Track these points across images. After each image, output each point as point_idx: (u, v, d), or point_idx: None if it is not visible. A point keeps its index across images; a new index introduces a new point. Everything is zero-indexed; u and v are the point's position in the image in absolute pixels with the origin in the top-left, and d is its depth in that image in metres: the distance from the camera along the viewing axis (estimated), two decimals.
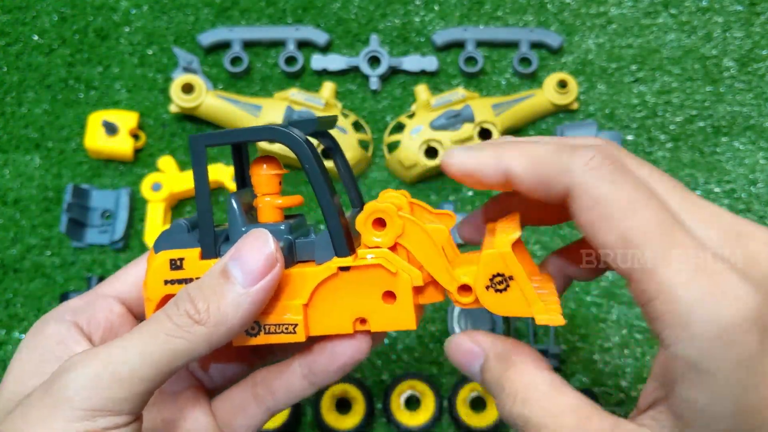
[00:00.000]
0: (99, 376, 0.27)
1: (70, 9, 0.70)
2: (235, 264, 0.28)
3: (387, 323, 0.30)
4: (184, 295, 0.29)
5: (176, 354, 0.27)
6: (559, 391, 0.27)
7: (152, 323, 0.28)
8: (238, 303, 0.28)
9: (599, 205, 0.25)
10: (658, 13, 0.71)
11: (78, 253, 0.64)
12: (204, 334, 0.28)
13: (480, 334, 0.30)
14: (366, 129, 0.66)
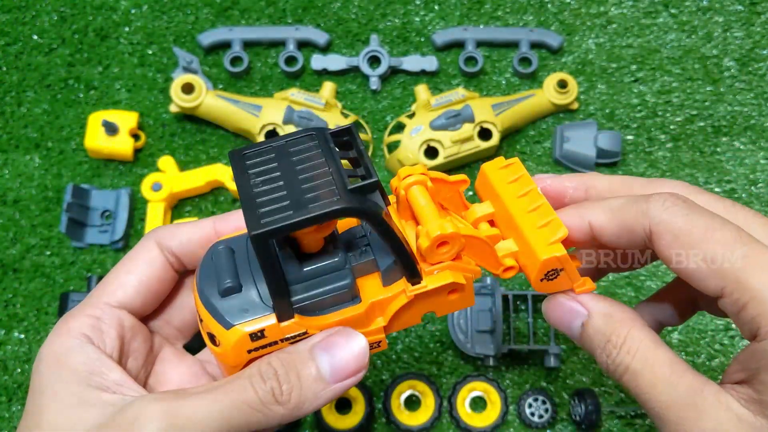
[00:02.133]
0: (169, 428, 0.27)
1: (69, 9, 0.70)
2: (324, 356, 0.30)
3: (451, 308, 0.33)
4: (271, 373, 0.29)
5: (250, 424, 0.29)
6: (659, 345, 0.29)
7: (235, 389, 0.29)
8: (318, 395, 0.30)
9: (680, 236, 0.28)
10: (658, 13, 0.71)
11: (78, 253, 0.64)
12: (280, 415, 0.29)
13: (582, 296, 0.32)
14: (366, 129, 0.66)
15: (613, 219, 0.30)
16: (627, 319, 0.31)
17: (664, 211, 0.29)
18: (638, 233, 0.30)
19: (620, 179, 0.33)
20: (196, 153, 0.66)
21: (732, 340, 0.62)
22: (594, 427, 0.58)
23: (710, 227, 0.28)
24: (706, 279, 0.28)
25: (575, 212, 0.31)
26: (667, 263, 0.29)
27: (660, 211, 0.29)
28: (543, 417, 0.59)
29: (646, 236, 0.29)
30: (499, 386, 0.59)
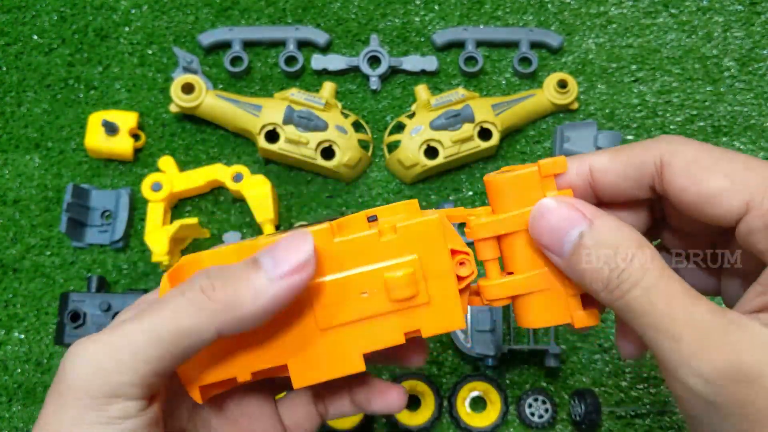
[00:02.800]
0: (101, 362, 0.25)
1: (69, 9, 0.70)
2: (268, 255, 0.27)
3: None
4: (203, 273, 0.27)
5: (180, 332, 0.26)
6: (670, 276, 0.26)
7: (161, 300, 0.27)
8: (259, 292, 0.26)
9: (696, 161, 0.27)
10: (658, 12, 0.71)
11: (78, 253, 0.64)
12: (213, 312, 0.26)
13: (580, 202, 0.28)
14: (366, 129, 0.66)
15: (616, 157, 0.28)
16: (637, 237, 0.27)
17: (676, 142, 0.28)
18: (647, 169, 0.28)
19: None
20: (196, 153, 0.66)
21: None
22: (594, 427, 0.58)
23: (725, 153, 0.27)
24: (730, 196, 0.26)
25: (576, 158, 0.30)
26: (681, 193, 0.27)
27: (671, 142, 0.28)
28: (543, 417, 0.59)
29: (656, 171, 0.27)
30: (499, 386, 0.59)
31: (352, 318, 0.29)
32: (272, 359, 0.29)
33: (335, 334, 0.30)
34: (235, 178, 0.63)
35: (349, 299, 0.29)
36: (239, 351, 0.29)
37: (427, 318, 0.30)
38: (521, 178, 0.30)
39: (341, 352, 0.30)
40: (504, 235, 0.30)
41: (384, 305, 0.29)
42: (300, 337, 0.29)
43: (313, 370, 0.30)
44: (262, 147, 0.63)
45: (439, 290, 0.30)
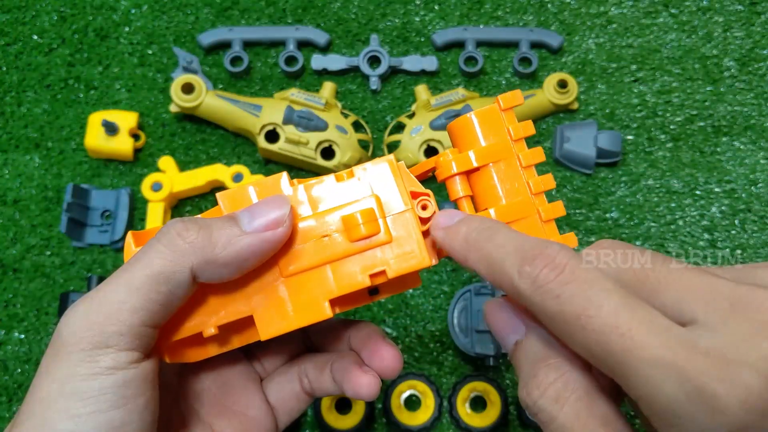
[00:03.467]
0: (89, 314, 0.26)
1: (69, 9, 0.70)
2: (245, 212, 0.28)
3: None
4: (177, 220, 0.28)
5: (157, 276, 0.26)
6: (594, 399, 0.24)
7: (140, 250, 0.28)
8: (232, 240, 0.27)
9: (553, 324, 0.24)
10: (659, 12, 0.71)
11: (78, 253, 0.64)
12: (185, 252, 0.27)
13: (524, 312, 0.27)
14: (366, 129, 0.66)
15: (490, 277, 0.26)
16: (562, 355, 0.25)
17: (535, 291, 0.24)
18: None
19: None
20: (196, 153, 0.66)
21: None
22: None
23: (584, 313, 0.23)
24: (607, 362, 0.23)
25: (461, 247, 0.27)
26: None
27: (531, 292, 0.24)
28: None
29: None
30: (499, 386, 0.59)
31: (314, 263, 0.29)
32: (237, 311, 0.30)
33: (299, 281, 0.29)
34: (235, 178, 0.63)
35: (310, 245, 0.29)
36: (207, 306, 0.30)
37: (392, 257, 0.29)
38: (484, 114, 0.31)
39: (306, 299, 0.29)
40: (474, 170, 0.31)
41: (345, 247, 0.29)
42: (264, 287, 0.29)
43: (279, 321, 0.29)
44: (262, 147, 0.63)
45: (400, 229, 0.30)
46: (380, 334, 0.34)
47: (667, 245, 0.64)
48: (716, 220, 0.65)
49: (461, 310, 0.60)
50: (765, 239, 0.64)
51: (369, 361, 0.34)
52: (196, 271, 0.27)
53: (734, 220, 0.65)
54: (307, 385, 0.35)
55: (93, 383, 0.26)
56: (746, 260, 0.64)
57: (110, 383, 0.26)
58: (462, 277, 0.63)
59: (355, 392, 0.33)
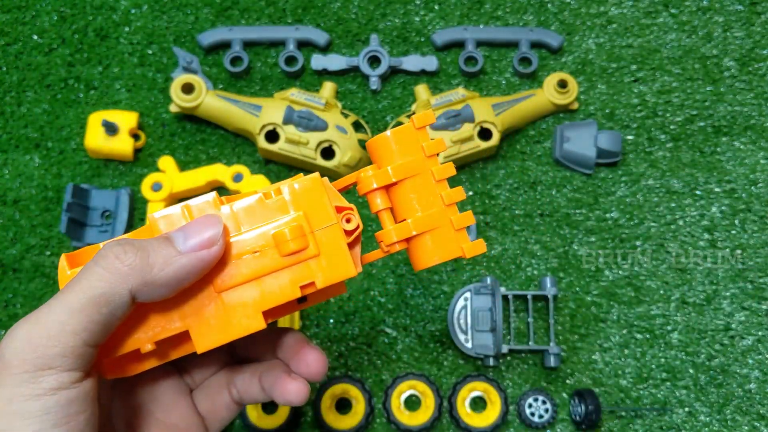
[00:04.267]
0: (31, 336, 0.27)
1: (69, 9, 0.70)
2: (179, 232, 0.30)
3: None
4: (114, 242, 0.29)
5: (97, 298, 0.27)
6: None
7: (79, 273, 0.29)
8: (169, 261, 0.29)
9: None
10: (659, 12, 0.71)
11: None
12: (125, 275, 0.28)
13: None
14: (366, 129, 0.66)
15: None
16: None
17: None
18: None
19: None
20: (196, 153, 0.66)
21: (732, 340, 0.62)
22: (594, 427, 0.58)
23: None
24: None
25: None
26: None
27: None
28: (543, 417, 0.59)
29: None
30: (499, 386, 0.59)
31: (247, 277, 0.31)
32: (173, 327, 0.31)
33: (233, 294, 0.31)
34: (235, 178, 0.63)
35: (242, 260, 0.31)
36: (143, 324, 0.31)
37: (320, 269, 0.31)
38: (400, 132, 0.33)
39: (240, 312, 0.31)
40: (392, 185, 0.33)
41: (276, 261, 0.31)
42: (199, 302, 0.31)
43: (214, 333, 0.31)
44: (262, 147, 0.63)
45: (327, 242, 0.31)
46: (304, 341, 0.36)
47: (667, 245, 0.64)
48: (716, 220, 0.65)
49: (461, 310, 0.60)
50: (765, 239, 0.64)
51: (296, 368, 0.35)
52: (135, 292, 0.28)
53: (734, 220, 0.65)
54: (236, 394, 0.37)
55: (36, 403, 0.26)
56: (746, 260, 0.64)
57: (53, 403, 0.27)
58: (462, 278, 0.63)
59: (285, 399, 0.34)
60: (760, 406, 0.60)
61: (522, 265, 0.63)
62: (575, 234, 0.64)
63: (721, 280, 0.63)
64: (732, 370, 0.61)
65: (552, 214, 0.65)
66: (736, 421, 0.60)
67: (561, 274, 0.63)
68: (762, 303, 0.63)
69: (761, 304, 0.63)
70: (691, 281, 0.63)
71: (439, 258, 0.33)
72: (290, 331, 0.36)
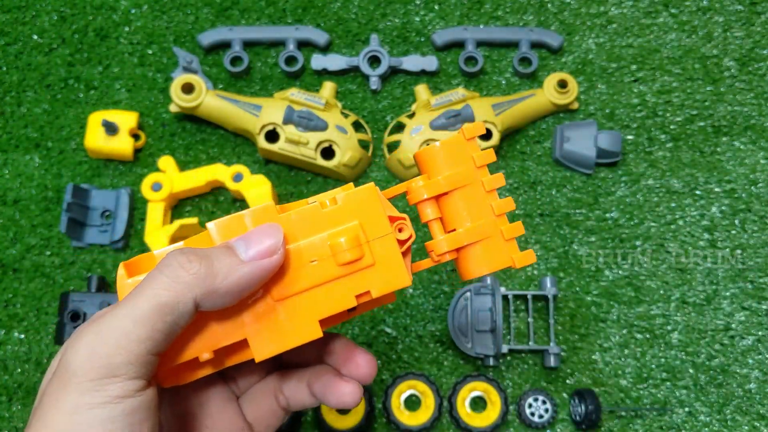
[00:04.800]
0: (95, 345, 0.27)
1: (69, 9, 0.70)
2: (241, 241, 0.30)
3: None
4: (177, 251, 0.29)
5: (162, 307, 0.27)
6: None
7: (143, 281, 0.29)
8: (233, 268, 0.29)
9: None
10: (659, 12, 0.71)
11: (78, 252, 0.64)
12: (189, 284, 0.28)
13: None
14: (366, 129, 0.66)
15: None
16: None
17: None
18: None
19: None
20: (196, 153, 0.66)
21: (732, 340, 0.62)
22: (594, 427, 0.58)
23: None
24: None
25: None
26: None
27: None
28: (543, 417, 0.59)
29: None
30: (499, 386, 0.59)
31: (304, 286, 0.31)
32: (232, 335, 0.31)
33: (290, 303, 0.31)
34: (235, 178, 0.63)
35: (300, 269, 0.31)
36: (202, 332, 0.31)
37: (375, 279, 0.32)
38: (450, 143, 0.34)
39: (298, 320, 0.31)
40: (442, 195, 0.34)
41: (333, 270, 0.31)
42: (257, 311, 0.31)
43: (272, 342, 0.31)
44: (262, 147, 0.63)
45: (382, 252, 0.32)
46: (354, 344, 0.36)
47: (667, 245, 0.64)
48: (716, 220, 0.65)
49: (461, 310, 0.60)
50: (765, 239, 0.64)
51: (347, 371, 0.35)
52: (199, 301, 0.28)
53: (734, 220, 0.65)
54: (283, 400, 0.37)
55: (102, 411, 0.26)
56: (746, 260, 0.64)
57: (118, 411, 0.27)
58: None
59: (341, 401, 0.34)
60: (760, 406, 0.60)
61: None
62: (575, 234, 0.64)
63: (721, 280, 0.63)
64: (732, 370, 0.61)
65: (552, 214, 0.65)
66: (736, 421, 0.60)
67: (561, 274, 0.63)
68: (762, 303, 0.63)
69: (761, 304, 0.63)
70: (691, 281, 0.63)
71: (489, 268, 0.33)
72: (338, 337, 0.36)
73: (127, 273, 0.32)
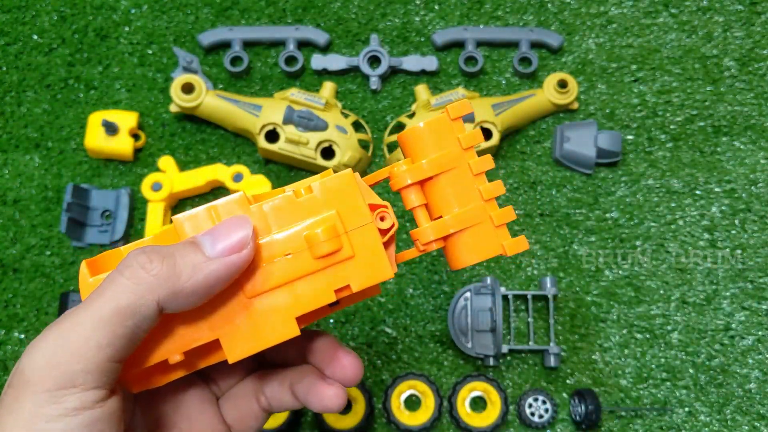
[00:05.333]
0: (53, 352, 0.25)
1: (69, 8, 0.70)
2: (207, 236, 0.28)
3: None
4: (138, 250, 0.27)
5: (122, 310, 0.26)
6: None
7: (102, 283, 0.27)
8: (197, 267, 0.27)
9: None
10: (659, 12, 0.71)
11: (78, 253, 0.64)
12: (151, 285, 0.26)
13: None
14: (366, 129, 0.66)
15: None
16: None
17: None
18: None
19: None
20: (196, 153, 0.66)
21: (732, 340, 0.62)
22: (594, 427, 0.58)
23: None
24: None
25: None
26: None
27: None
28: (543, 417, 0.59)
29: None
30: (499, 386, 0.59)
31: (279, 282, 0.29)
32: (202, 336, 0.29)
33: (265, 300, 0.29)
34: (235, 178, 0.63)
35: (274, 263, 0.29)
36: (171, 333, 0.29)
37: (355, 271, 0.30)
38: (434, 123, 0.31)
39: (273, 318, 0.29)
40: (427, 180, 0.31)
41: (309, 264, 0.29)
42: (229, 309, 0.29)
43: (246, 342, 0.29)
44: (262, 147, 0.63)
45: (362, 243, 0.30)
46: (338, 344, 0.34)
47: (667, 245, 0.64)
48: (716, 220, 0.65)
49: (461, 310, 0.60)
50: (765, 239, 0.64)
51: (330, 372, 0.33)
52: (163, 303, 0.27)
53: (734, 220, 0.65)
54: (265, 402, 0.35)
55: (58, 425, 0.25)
56: (746, 260, 0.64)
57: (76, 424, 0.25)
58: (462, 277, 0.63)
59: (322, 405, 0.33)
60: (760, 406, 0.60)
61: (522, 264, 0.63)
62: (575, 234, 0.64)
63: (721, 280, 0.63)
64: (732, 370, 0.61)
65: (552, 214, 0.65)
66: (736, 421, 0.60)
67: (561, 274, 0.63)
68: (762, 303, 0.63)
69: (761, 304, 0.63)
70: (691, 281, 0.63)
71: (479, 257, 0.31)
72: (322, 335, 0.34)
73: (90, 271, 0.29)
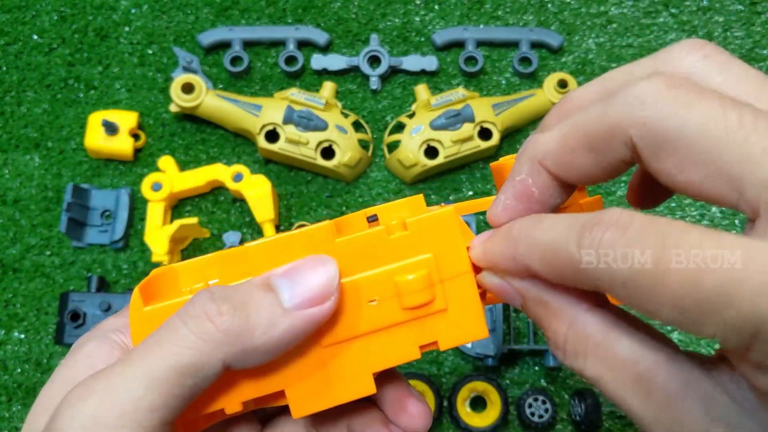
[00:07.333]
0: (98, 411, 0.22)
1: (69, 8, 0.70)
2: (285, 280, 0.24)
3: None
4: (206, 294, 0.23)
5: (183, 369, 0.22)
6: (611, 339, 0.21)
7: (161, 331, 0.23)
8: (272, 323, 0.23)
9: (626, 291, 0.19)
10: (659, 12, 0.71)
11: (78, 252, 0.64)
12: (218, 343, 0.23)
13: (513, 278, 0.24)
14: (366, 129, 0.66)
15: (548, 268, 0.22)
16: (564, 306, 0.23)
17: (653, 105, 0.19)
18: (614, 153, 0.21)
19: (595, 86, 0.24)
20: (196, 153, 0.66)
21: None
22: (594, 427, 0.58)
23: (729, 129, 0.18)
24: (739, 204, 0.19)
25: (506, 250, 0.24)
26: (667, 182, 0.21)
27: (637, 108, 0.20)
28: (543, 417, 0.59)
29: (631, 154, 0.21)
30: (499, 386, 0.59)
31: (361, 331, 0.25)
32: (267, 386, 0.25)
33: (341, 351, 0.25)
34: (235, 178, 0.63)
35: (355, 309, 0.25)
36: (231, 385, 0.25)
37: (445, 327, 0.25)
38: None
39: (348, 372, 0.25)
40: None
41: (396, 314, 0.25)
42: (300, 357, 0.25)
43: (315, 396, 0.25)
44: (262, 147, 0.63)
45: (457, 295, 0.25)
46: (408, 390, 0.30)
47: None
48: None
49: None
50: None
51: (395, 419, 0.30)
52: (230, 362, 0.23)
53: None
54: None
55: None
56: None
57: None
58: None
59: None
60: None
61: None
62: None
63: None
64: None
65: None
66: None
67: None
68: None
69: None
70: None
71: None
72: (394, 379, 0.30)
73: (144, 299, 0.25)
